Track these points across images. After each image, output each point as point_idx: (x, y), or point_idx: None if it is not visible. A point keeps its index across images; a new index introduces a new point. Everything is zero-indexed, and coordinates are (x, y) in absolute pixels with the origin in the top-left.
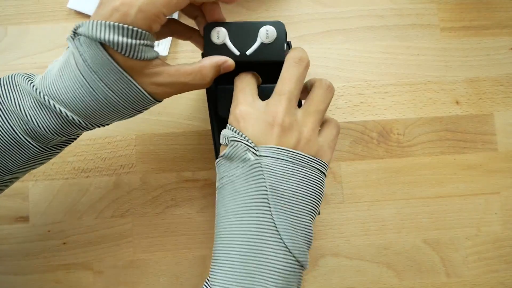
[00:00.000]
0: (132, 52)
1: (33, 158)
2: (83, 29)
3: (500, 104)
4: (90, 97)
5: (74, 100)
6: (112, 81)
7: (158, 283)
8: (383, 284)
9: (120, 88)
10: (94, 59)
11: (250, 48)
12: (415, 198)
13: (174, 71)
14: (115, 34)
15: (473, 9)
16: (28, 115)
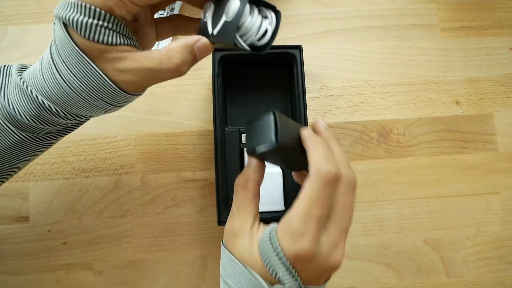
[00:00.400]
0: (89, 32)
1: (18, 147)
2: (56, 11)
3: (500, 104)
4: (58, 82)
5: (46, 85)
6: (73, 64)
7: (158, 283)
8: (383, 284)
9: (80, 71)
10: (59, 40)
11: (217, 26)
12: (415, 198)
13: (140, 56)
14: (73, 11)
15: (473, 9)
16: (7, 100)
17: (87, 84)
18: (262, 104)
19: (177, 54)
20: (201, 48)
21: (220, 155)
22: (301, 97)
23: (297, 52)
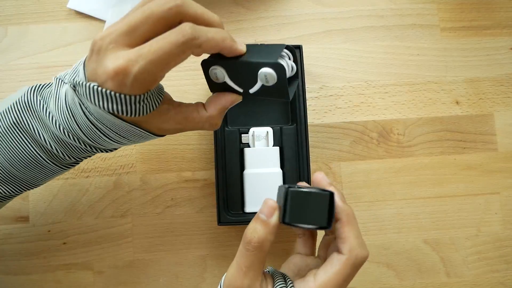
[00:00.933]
0: (134, 112)
1: (54, 174)
2: (83, 92)
3: (500, 104)
4: (102, 137)
5: (89, 138)
6: (122, 130)
7: (158, 283)
8: (383, 284)
9: (128, 133)
10: (99, 115)
11: (253, 88)
12: (415, 198)
13: (181, 119)
14: (113, 103)
15: (473, 9)
16: (52, 146)
17: (133, 139)
18: (262, 104)
19: (218, 120)
20: (233, 104)
21: (220, 155)
22: (301, 96)
23: (297, 52)
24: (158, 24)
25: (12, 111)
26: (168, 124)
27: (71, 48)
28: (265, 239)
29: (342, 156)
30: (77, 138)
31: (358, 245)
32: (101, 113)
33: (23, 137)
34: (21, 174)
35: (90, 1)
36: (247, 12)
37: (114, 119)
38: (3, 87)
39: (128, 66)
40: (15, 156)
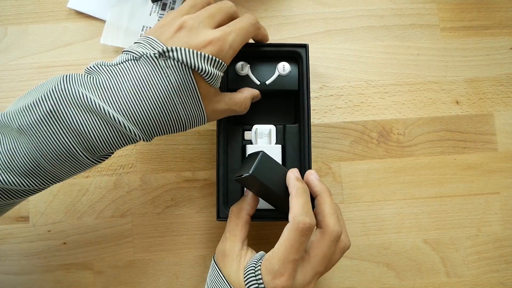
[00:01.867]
0: (215, 81)
1: (83, 169)
2: (177, 55)
3: (500, 104)
4: (163, 116)
5: (147, 117)
6: (188, 105)
7: (158, 283)
8: (383, 284)
9: (191, 111)
10: (180, 82)
11: (269, 79)
12: (415, 198)
13: (228, 100)
14: (209, 65)
15: (473, 9)
16: (93, 135)
17: (189, 120)
18: (266, 102)
19: (249, 104)
20: (256, 98)
21: (222, 151)
22: (305, 96)
23: (303, 51)
24: (225, 15)
25: (48, 100)
26: (220, 104)
27: (71, 48)
28: (242, 208)
29: (342, 156)
30: (130, 122)
31: (300, 213)
32: (181, 80)
33: (59, 128)
34: (51, 167)
35: (90, 1)
36: (247, 12)
37: (193, 87)
38: (3, 87)
39: (224, 36)
40: (48, 147)
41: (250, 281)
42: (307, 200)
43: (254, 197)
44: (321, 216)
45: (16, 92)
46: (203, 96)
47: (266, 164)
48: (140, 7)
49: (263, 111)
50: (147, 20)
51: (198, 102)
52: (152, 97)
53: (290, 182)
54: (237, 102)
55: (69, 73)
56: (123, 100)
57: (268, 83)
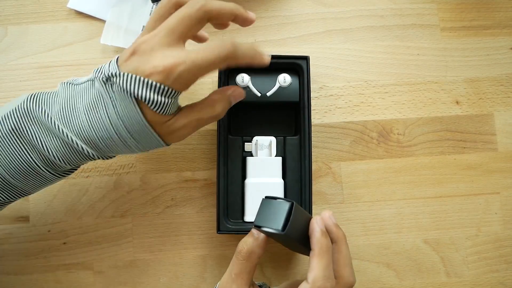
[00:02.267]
0: (163, 109)
1: (48, 183)
2: (120, 81)
3: (500, 104)
4: (114, 141)
5: (98, 141)
6: (136, 131)
7: (158, 283)
8: (383, 284)
9: (141, 137)
10: (125, 110)
11: (270, 91)
12: (415, 198)
13: (188, 111)
14: (153, 92)
15: (473, 9)
16: (51, 153)
17: (143, 144)
18: (266, 113)
19: (218, 104)
20: (237, 96)
21: (222, 162)
22: (306, 108)
23: (304, 63)
24: (190, 24)
25: (11, 118)
26: (178, 122)
27: (71, 48)
28: (252, 251)
29: (342, 156)
30: (84, 144)
31: (321, 277)
32: (126, 107)
33: (21, 144)
34: (16, 181)
35: (90, 1)
36: None
37: (139, 116)
38: (3, 87)
39: (176, 64)
40: (11, 162)
41: None
42: (329, 262)
43: (267, 240)
44: (336, 266)
45: (16, 92)
46: (153, 123)
47: (297, 218)
48: (140, 7)
49: (263, 122)
50: (147, 20)
51: (147, 129)
52: (101, 122)
53: (314, 236)
54: (199, 108)
55: (37, 92)
56: (79, 122)
57: (269, 95)
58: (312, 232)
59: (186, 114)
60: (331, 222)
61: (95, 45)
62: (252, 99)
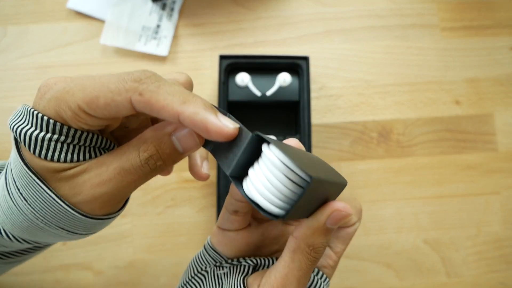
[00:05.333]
0: (39, 149)
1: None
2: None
3: (500, 104)
4: (9, 206)
5: (1, 212)
6: (23, 185)
7: (158, 283)
8: (383, 284)
9: (31, 194)
10: (12, 156)
11: (270, 90)
12: (415, 198)
13: (105, 158)
14: (24, 121)
15: (473, 9)
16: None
17: (39, 210)
18: (265, 112)
19: (147, 145)
20: (183, 137)
21: None
22: (306, 107)
23: (304, 63)
24: None
25: None
26: (86, 174)
27: (71, 48)
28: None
29: (342, 156)
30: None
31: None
32: (13, 154)
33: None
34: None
35: (90, 1)
36: (247, 12)
37: (17, 159)
38: (3, 87)
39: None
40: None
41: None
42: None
43: None
44: None
45: (16, 92)
46: (42, 171)
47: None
48: (140, 7)
49: (263, 122)
50: (147, 20)
51: (32, 181)
52: (2, 183)
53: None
54: (121, 153)
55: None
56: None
57: (269, 95)
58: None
59: (101, 161)
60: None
61: (95, 45)
62: (252, 99)
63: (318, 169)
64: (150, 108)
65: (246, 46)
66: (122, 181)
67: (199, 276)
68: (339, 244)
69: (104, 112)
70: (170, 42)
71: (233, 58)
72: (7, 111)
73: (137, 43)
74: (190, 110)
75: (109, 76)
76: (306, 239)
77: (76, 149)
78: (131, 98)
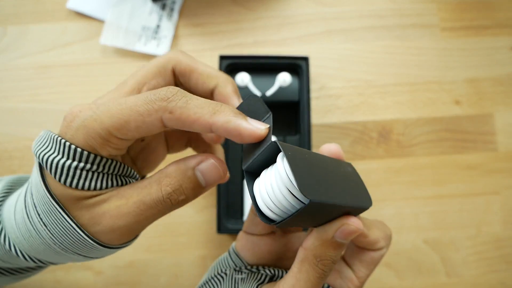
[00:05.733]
0: (65, 177)
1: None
2: (33, 143)
3: (500, 104)
4: (28, 229)
5: (16, 228)
6: (44, 212)
7: (158, 283)
8: (383, 284)
9: (51, 221)
10: (34, 181)
11: (270, 90)
12: (415, 198)
13: (126, 190)
14: (50, 149)
15: (473, 9)
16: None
17: (59, 237)
18: None
19: (170, 180)
20: (207, 170)
21: None
22: (305, 107)
23: (303, 63)
24: None
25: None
26: (106, 204)
27: (71, 48)
28: None
29: None
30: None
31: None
32: (34, 180)
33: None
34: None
35: (90, 1)
36: (247, 12)
37: (41, 186)
38: (3, 87)
39: (81, 108)
40: None
41: None
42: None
43: None
44: None
45: (16, 92)
46: (62, 200)
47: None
48: (140, 7)
49: None
50: (147, 20)
51: (53, 208)
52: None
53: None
54: (142, 186)
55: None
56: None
57: (269, 95)
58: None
59: (121, 193)
60: None
61: (95, 45)
62: None
63: (333, 189)
64: (182, 123)
65: (246, 46)
66: (141, 215)
67: (218, 278)
68: (362, 269)
69: (134, 134)
70: (170, 42)
71: (233, 58)
72: (7, 111)
73: (137, 43)
74: (222, 120)
75: (134, 99)
76: (314, 250)
77: (99, 176)
78: (161, 117)
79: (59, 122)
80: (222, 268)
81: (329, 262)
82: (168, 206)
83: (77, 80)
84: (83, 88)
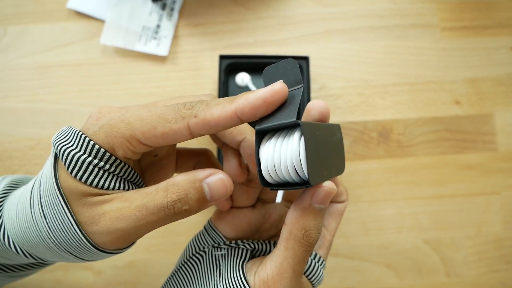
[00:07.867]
0: (77, 170)
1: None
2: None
3: (500, 104)
4: (27, 220)
5: (16, 218)
6: (47, 203)
7: (158, 283)
8: (383, 284)
9: (50, 210)
10: (46, 171)
11: None
12: (415, 198)
13: (131, 194)
14: (70, 142)
15: (473, 9)
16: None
17: (55, 231)
18: None
19: (177, 188)
20: (215, 184)
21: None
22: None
23: (304, 63)
24: None
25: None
26: (108, 204)
27: (71, 48)
28: None
29: None
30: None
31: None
32: (46, 169)
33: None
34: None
35: (90, 1)
36: (247, 12)
37: (51, 176)
38: (3, 87)
39: (107, 109)
40: None
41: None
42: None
43: None
44: None
45: (16, 92)
46: (67, 194)
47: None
48: (140, 7)
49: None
50: (147, 20)
51: (56, 195)
52: (25, 197)
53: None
54: (147, 192)
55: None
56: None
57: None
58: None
59: (126, 196)
60: None
61: (95, 45)
62: None
63: (328, 167)
64: (208, 124)
65: (246, 46)
66: (141, 220)
67: (196, 257)
68: (332, 222)
69: (159, 141)
70: (170, 42)
71: (233, 58)
72: (7, 111)
73: (137, 43)
74: (242, 99)
75: (163, 108)
76: (297, 223)
77: (109, 176)
78: (188, 123)
79: (59, 122)
80: (200, 246)
81: (313, 232)
82: (170, 214)
83: (77, 80)
84: (83, 88)
